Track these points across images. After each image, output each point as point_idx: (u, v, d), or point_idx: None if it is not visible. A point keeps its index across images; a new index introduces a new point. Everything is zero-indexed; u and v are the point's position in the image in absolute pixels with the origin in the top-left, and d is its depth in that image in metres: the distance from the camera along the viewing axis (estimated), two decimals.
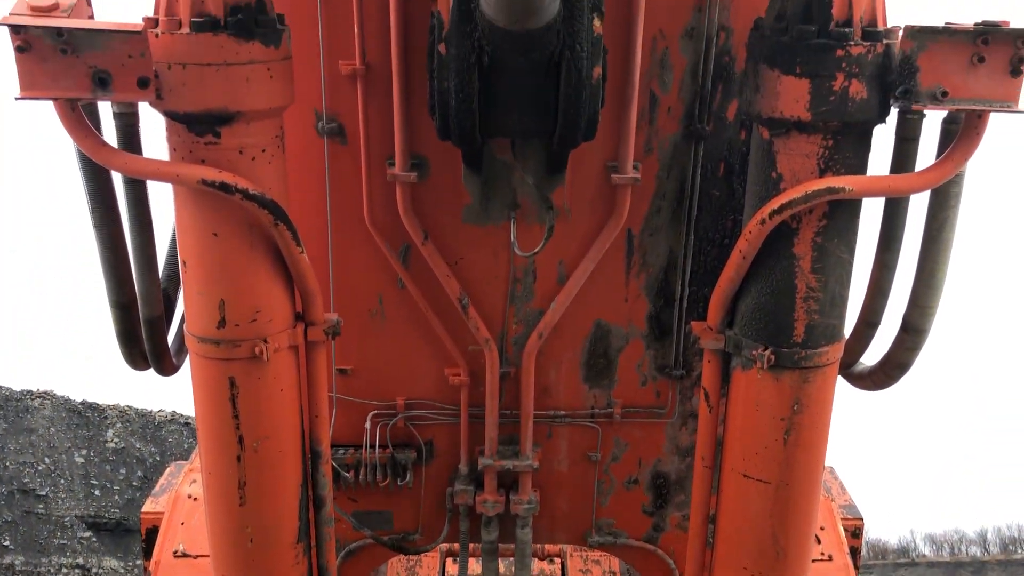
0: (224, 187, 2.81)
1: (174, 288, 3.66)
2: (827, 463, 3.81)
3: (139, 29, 2.56)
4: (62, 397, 17.12)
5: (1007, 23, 2.66)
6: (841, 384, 3.57)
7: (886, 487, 26.94)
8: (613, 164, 3.72)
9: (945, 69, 2.68)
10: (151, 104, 2.76)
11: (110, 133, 3.04)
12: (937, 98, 2.69)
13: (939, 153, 2.93)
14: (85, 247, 3.54)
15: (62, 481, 16.24)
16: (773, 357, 3.08)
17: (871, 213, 3.13)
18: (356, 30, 3.47)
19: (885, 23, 2.80)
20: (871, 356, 3.69)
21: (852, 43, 2.71)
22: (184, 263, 3.04)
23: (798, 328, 3.05)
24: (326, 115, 3.67)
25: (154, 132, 2.98)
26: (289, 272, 3.12)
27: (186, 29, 2.69)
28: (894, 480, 28.92)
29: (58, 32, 2.50)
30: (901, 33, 2.73)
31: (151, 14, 2.77)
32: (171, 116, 2.82)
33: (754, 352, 3.11)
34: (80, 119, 2.72)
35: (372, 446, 4.22)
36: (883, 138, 3.01)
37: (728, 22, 3.53)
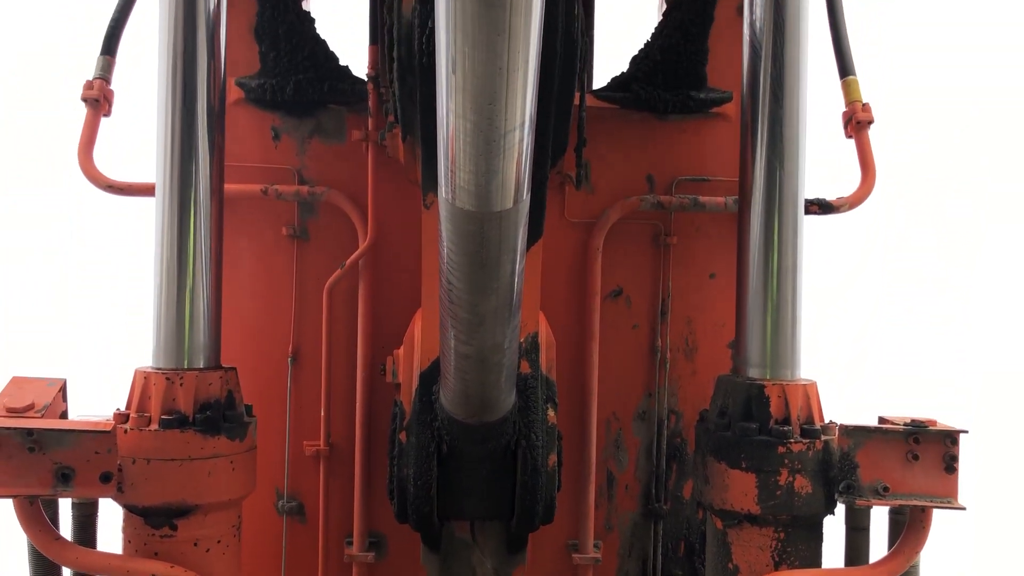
0: None
1: None
2: None
3: (108, 428, 2.65)
4: None
5: (934, 422, 2.84)
6: None
7: None
8: (574, 542, 3.72)
9: (884, 465, 2.80)
10: (111, 498, 2.79)
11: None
12: (879, 493, 2.79)
13: (890, 543, 2.97)
14: None
15: None
16: None
17: None
18: (323, 414, 3.62)
19: (822, 419, 2.97)
20: None
21: (792, 440, 2.86)
22: None
23: None
24: (287, 494, 3.70)
25: None
26: None
27: (155, 426, 2.79)
28: None
29: (29, 432, 2.59)
30: (837, 430, 2.89)
31: (123, 408, 2.89)
32: (130, 509, 2.83)
33: None
34: (36, 513, 2.72)
35: None
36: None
37: (677, 407, 3.73)
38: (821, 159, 3.49)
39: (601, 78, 3.89)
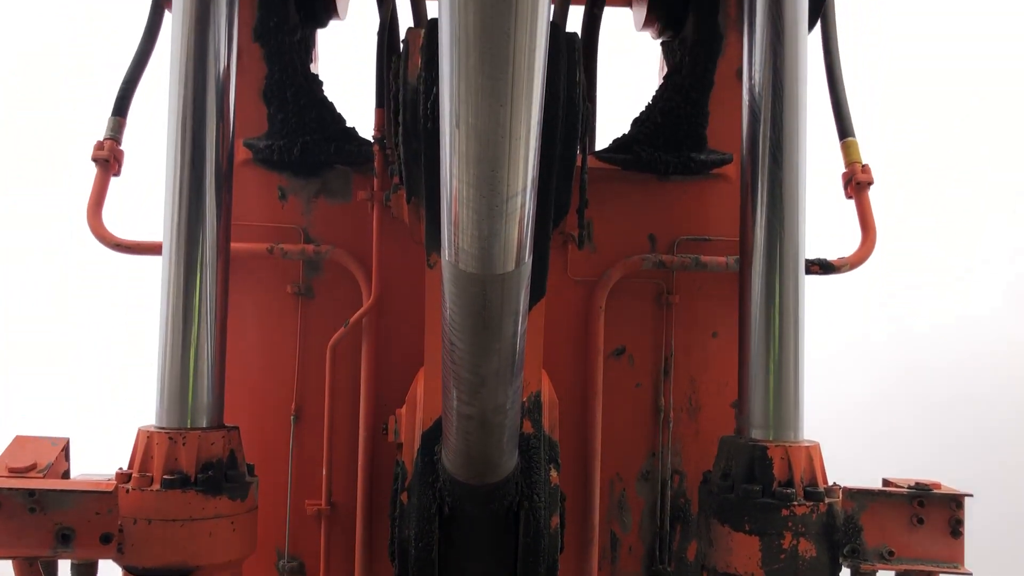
0: None
1: None
2: None
3: (110, 488, 2.65)
4: None
5: (938, 485, 2.82)
6: None
7: None
8: None
9: (889, 529, 2.78)
10: (112, 559, 2.77)
11: None
12: (884, 557, 2.76)
13: None
14: None
15: None
16: None
17: None
18: (324, 473, 3.61)
19: (825, 482, 2.96)
20: None
21: (796, 503, 2.84)
22: None
23: None
24: (288, 554, 3.67)
25: None
26: None
27: (157, 486, 2.79)
28: None
29: (30, 493, 2.59)
30: (841, 493, 2.87)
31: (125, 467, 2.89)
32: (130, 571, 2.81)
33: None
34: (35, 575, 2.71)
35: None
36: None
37: (681, 467, 3.72)
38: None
39: (603, 134, 3.96)
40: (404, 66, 2.64)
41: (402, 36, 2.80)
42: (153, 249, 3.47)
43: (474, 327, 2.16)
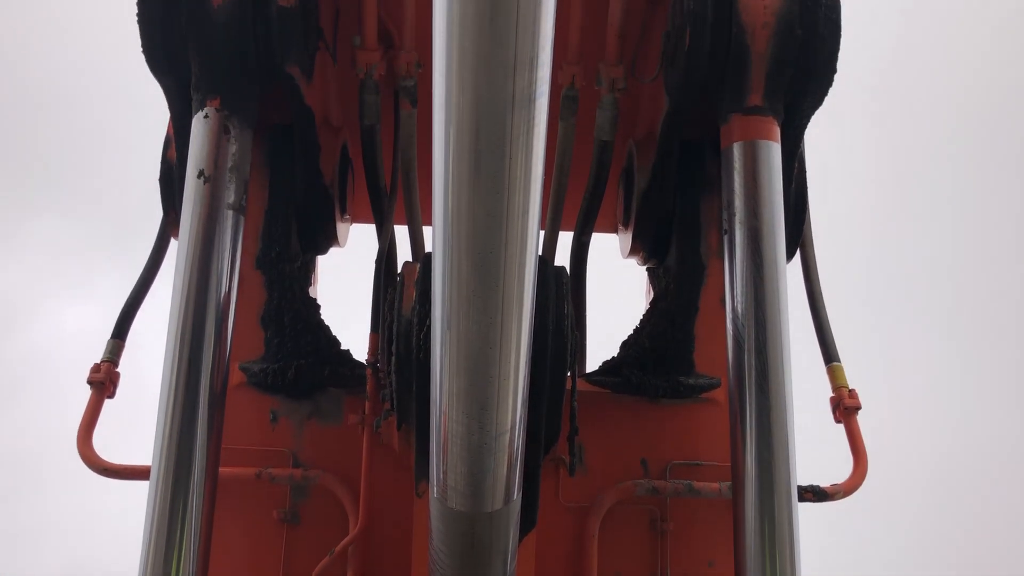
0: None
1: None
2: None
3: None
4: None
5: None
6: None
7: None
8: None
9: None
10: None
11: None
12: None
13: None
14: None
15: None
16: None
17: None
18: None
19: None
20: None
21: None
22: None
23: None
24: None
25: None
26: None
27: None
28: None
29: None
30: None
31: None
32: None
33: None
34: None
35: None
36: None
37: None
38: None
39: (593, 348, 4.03)
40: (399, 298, 2.74)
41: (399, 267, 2.92)
42: (141, 474, 3.42)
43: (462, 566, 2.12)
